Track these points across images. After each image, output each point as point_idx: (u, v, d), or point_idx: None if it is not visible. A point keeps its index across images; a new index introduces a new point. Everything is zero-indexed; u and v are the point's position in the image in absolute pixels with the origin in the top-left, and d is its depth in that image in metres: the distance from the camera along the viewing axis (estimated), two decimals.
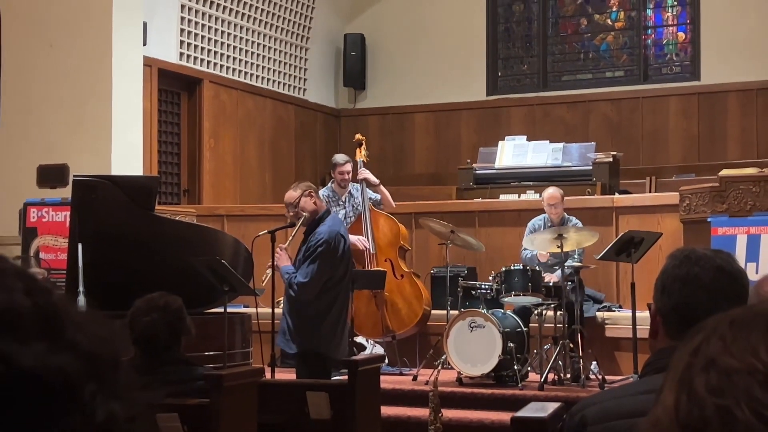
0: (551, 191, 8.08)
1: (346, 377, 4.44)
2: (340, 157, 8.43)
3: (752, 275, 6.81)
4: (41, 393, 0.67)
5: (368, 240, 8.28)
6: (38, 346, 0.68)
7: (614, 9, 12.92)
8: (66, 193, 8.08)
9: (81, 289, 6.27)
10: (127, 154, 9.35)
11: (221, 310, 6.34)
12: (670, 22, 12.73)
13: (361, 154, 8.59)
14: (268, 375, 6.00)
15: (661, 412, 0.68)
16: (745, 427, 0.63)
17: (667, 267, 2.27)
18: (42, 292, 0.73)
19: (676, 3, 12.68)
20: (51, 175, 8.98)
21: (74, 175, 6.95)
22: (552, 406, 2.22)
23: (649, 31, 12.77)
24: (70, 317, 0.73)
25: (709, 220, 7.23)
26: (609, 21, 12.96)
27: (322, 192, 7.93)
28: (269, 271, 6.60)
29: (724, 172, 7.64)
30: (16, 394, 0.66)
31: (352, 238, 8.02)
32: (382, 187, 8.46)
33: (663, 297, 2.23)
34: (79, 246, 6.34)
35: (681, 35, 12.64)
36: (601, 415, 2.16)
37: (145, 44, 9.88)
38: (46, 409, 0.67)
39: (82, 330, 0.72)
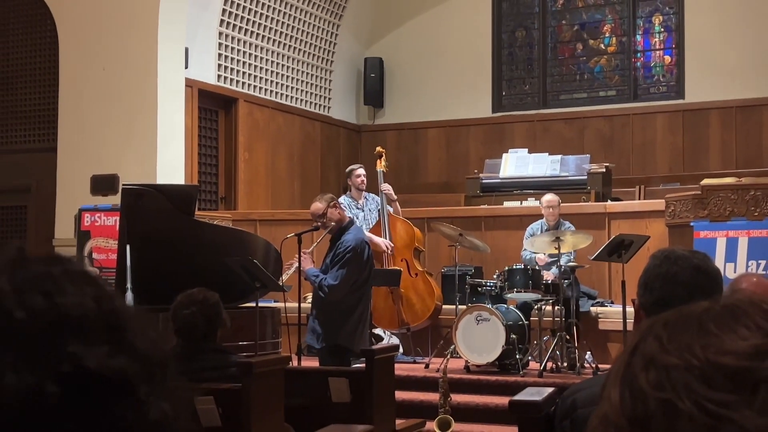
0: (549, 196, 8.13)
1: (364, 365, 4.44)
2: (354, 165, 8.55)
3: (731, 274, 6.79)
4: (103, 392, 0.67)
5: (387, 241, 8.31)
6: (101, 349, 0.68)
7: (607, 35, 12.88)
8: (116, 200, 8.12)
9: (129, 285, 6.30)
10: (171, 165, 9.39)
11: (253, 304, 6.36)
12: (657, 47, 12.67)
13: (381, 165, 8.61)
14: (294, 362, 6.00)
15: (608, 408, 0.68)
16: (688, 418, 0.63)
17: (649, 266, 2.26)
18: (107, 298, 0.72)
19: (662, 29, 12.63)
20: (103, 184, 9.04)
21: (123, 184, 6.98)
22: (546, 391, 2.22)
23: (639, 54, 12.71)
24: (130, 322, 0.72)
25: (691, 224, 7.20)
26: (602, 46, 12.92)
27: (342, 200, 7.93)
28: (290, 270, 6.62)
29: (706, 181, 7.60)
30: (81, 393, 0.66)
31: (377, 239, 8.04)
32: (397, 203, 8.53)
33: (645, 293, 2.22)
34: (128, 247, 6.37)
35: (667, 58, 12.58)
36: (590, 399, 2.15)
37: (186, 67, 9.91)
38: (107, 408, 0.67)
39: (139, 334, 0.72)
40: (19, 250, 0.74)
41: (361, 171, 8.34)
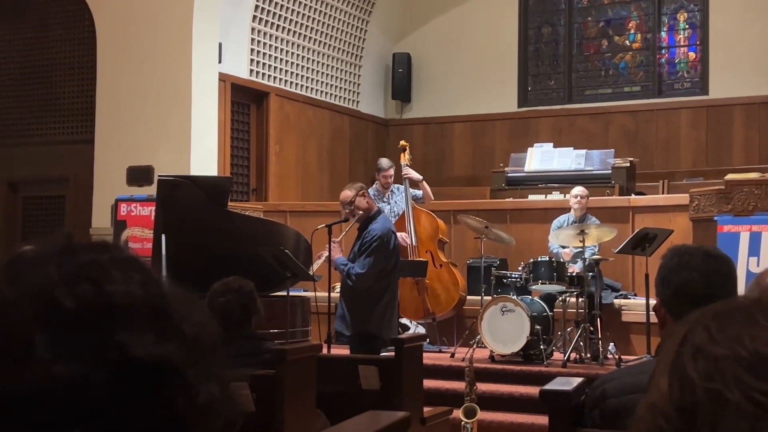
0: (579, 188, 8.16)
1: (393, 353, 4.44)
2: (385, 162, 8.46)
3: (754, 268, 6.73)
4: (151, 378, 0.67)
5: (411, 235, 8.28)
6: (148, 336, 0.68)
7: (632, 31, 12.77)
8: (151, 190, 8.17)
9: (164, 274, 6.33)
10: (204, 157, 9.43)
11: (284, 293, 6.38)
12: (681, 43, 12.56)
13: (405, 158, 8.57)
14: (324, 350, 6.01)
15: (657, 397, 0.68)
16: (736, 407, 0.63)
17: (662, 263, 2.27)
18: (154, 283, 0.72)
19: (687, 26, 12.51)
20: (139, 175, 9.09)
21: (159, 175, 7.01)
22: (576, 381, 2.21)
23: (663, 50, 12.60)
24: (176, 307, 0.72)
25: (715, 218, 7.13)
26: (627, 42, 12.82)
27: (369, 191, 7.92)
28: (320, 260, 6.63)
29: (730, 176, 7.52)
30: (129, 380, 0.66)
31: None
32: (424, 182, 8.46)
33: (664, 288, 2.22)
34: (163, 236, 6.40)
35: (692, 55, 12.46)
36: (620, 389, 2.14)
37: (220, 62, 9.94)
38: (155, 393, 0.67)
39: (185, 319, 0.71)
40: (68, 238, 0.74)
41: (390, 171, 8.30)
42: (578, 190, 8.14)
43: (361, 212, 6.13)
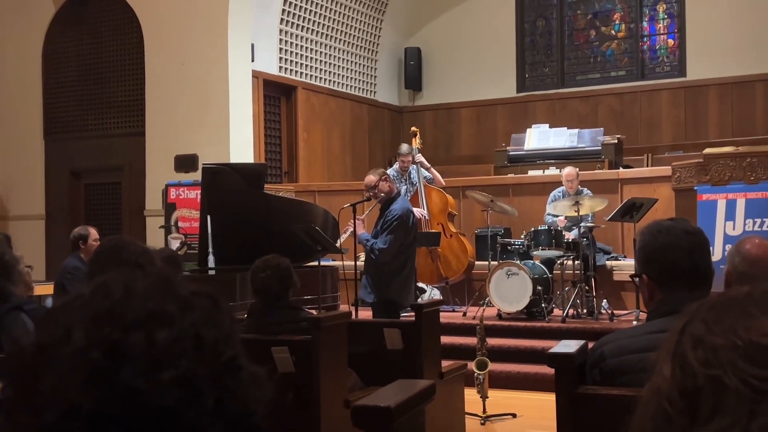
0: (568, 169, 7.97)
1: (413, 316, 4.44)
2: (404, 149, 8.42)
3: (730, 231, 6.68)
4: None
5: (424, 210, 8.28)
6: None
7: (617, 22, 12.61)
8: (196, 176, 8.19)
9: (210, 250, 6.37)
10: (241, 145, 9.44)
11: (315, 264, 6.39)
12: (661, 32, 12.39)
13: (416, 143, 8.55)
14: (352, 315, 6.01)
15: (661, 382, 0.67)
16: (734, 392, 0.62)
17: (645, 242, 2.20)
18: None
19: (666, 16, 12.33)
20: (185, 162, 9.12)
21: (203, 164, 7.03)
22: (578, 344, 2.20)
23: (645, 38, 12.44)
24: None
25: (695, 188, 7.07)
26: (613, 32, 12.66)
27: (390, 172, 7.91)
28: (345, 234, 6.64)
29: (708, 150, 7.43)
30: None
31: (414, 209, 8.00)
32: (432, 168, 8.46)
33: (650, 265, 2.18)
34: (208, 217, 6.43)
35: (670, 42, 12.30)
36: (617, 350, 2.13)
37: (253, 60, 9.92)
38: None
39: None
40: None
41: (408, 157, 8.25)
42: (568, 172, 7.85)
43: (383, 194, 6.11)
